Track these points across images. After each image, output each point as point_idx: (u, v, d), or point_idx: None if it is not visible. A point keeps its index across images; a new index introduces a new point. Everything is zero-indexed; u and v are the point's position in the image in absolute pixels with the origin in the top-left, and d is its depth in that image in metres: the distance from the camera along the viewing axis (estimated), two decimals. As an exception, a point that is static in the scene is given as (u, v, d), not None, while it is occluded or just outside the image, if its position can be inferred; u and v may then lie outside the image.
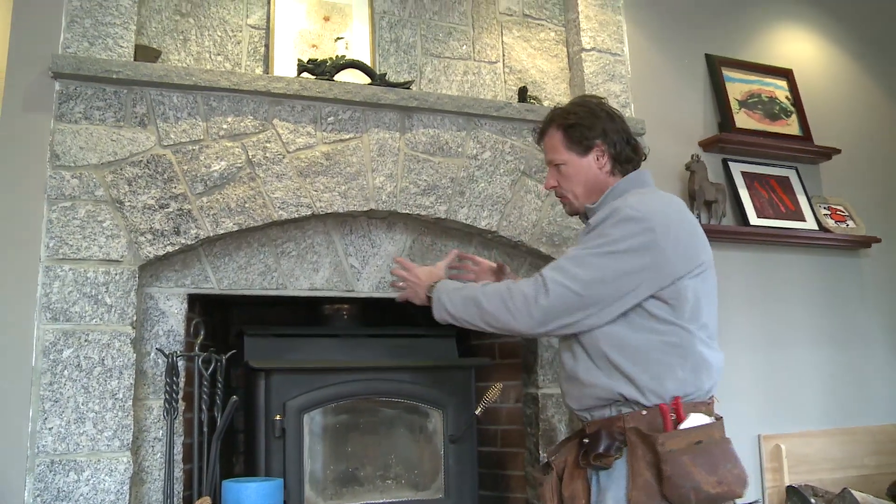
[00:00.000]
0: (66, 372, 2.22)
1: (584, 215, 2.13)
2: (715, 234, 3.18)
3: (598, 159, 2.06)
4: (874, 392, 3.57)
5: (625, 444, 1.83)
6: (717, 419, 1.88)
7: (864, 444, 3.45)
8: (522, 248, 2.84)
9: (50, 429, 2.18)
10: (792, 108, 3.59)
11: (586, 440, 1.89)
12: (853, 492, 3.02)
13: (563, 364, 2.03)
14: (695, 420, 1.82)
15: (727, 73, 3.47)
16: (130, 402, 2.27)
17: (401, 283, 2.29)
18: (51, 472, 2.16)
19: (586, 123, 2.07)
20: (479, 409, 2.63)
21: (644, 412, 1.83)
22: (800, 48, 3.79)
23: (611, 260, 1.84)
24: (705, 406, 1.88)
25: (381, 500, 2.67)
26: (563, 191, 2.11)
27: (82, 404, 2.22)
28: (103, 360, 2.26)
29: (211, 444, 2.35)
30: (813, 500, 3.11)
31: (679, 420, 1.81)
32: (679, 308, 1.87)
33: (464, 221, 2.73)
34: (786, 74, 3.64)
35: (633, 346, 1.86)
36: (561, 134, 2.08)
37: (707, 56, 3.48)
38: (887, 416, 3.56)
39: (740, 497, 1.81)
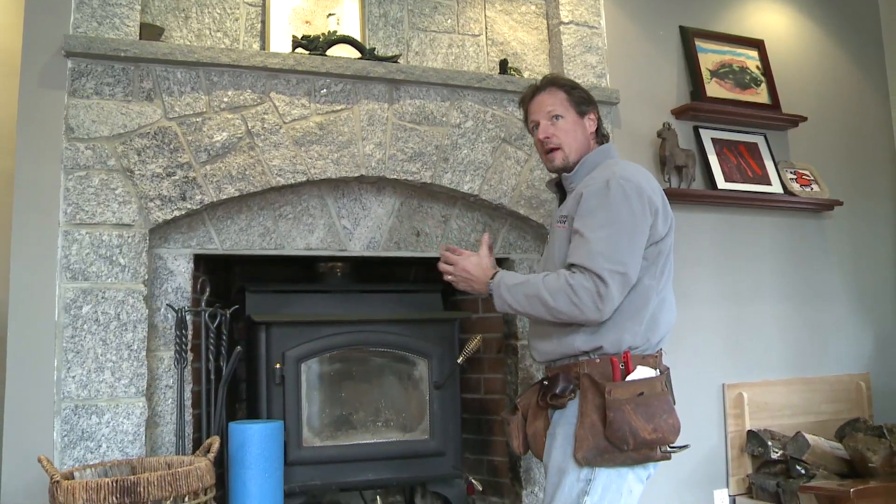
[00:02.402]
0: (85, 326, 2.45)
1: (559, 184, 2.33)
2: (684, 198, 3.39)
3: (590, 124, 2.27)
4: (832, 345, 3.80)
5: (578, 388, 2.06)
6: (661, 372, 2.10)
7: (820, 393, 3.70)
8: (503, 210, 3.05)
9: (73, 377, 2.42)
10: (762, 78, 3.76)
11: (546, 382, 2.13)
12: (805, 435, 3.27)
13: (534, 322, 2.24)
14: (641, 373, 2.04)
15: (700, 44, 3.64)
16: (144, 353, 2.49)
17: (449, 272, 2.28)
18: (75, 415, 2.40)
19: (586, 94, 2.30)
20: (461, 358, 2.86)
21: (598, 360, 2.05)
22: (771, 19, 3.93)
23: (635, 233, 2.04)
24: (653, 359, 2.09)
25: (372, 441, 2.91)
26: (558, 141, 2.24)
27: (101, 355, 2.45)
28: (119, 315, 2.48)
29: (218, 390, 2.59)
30: (770, 443, 3.38)
31: (627, 371, 2.03)
32: (654, 264, 2.09)
33: (448, 186, 2.93)
34: (757, 45, 3.80)
35: None
36: (564, 93, 2.26)
37: (681, 28, 3.63)
38: (843, 366, 3.81)
39: (672, 442, 2.03)
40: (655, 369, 2.09)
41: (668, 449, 2.04)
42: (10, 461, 2.36)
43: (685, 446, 2.10)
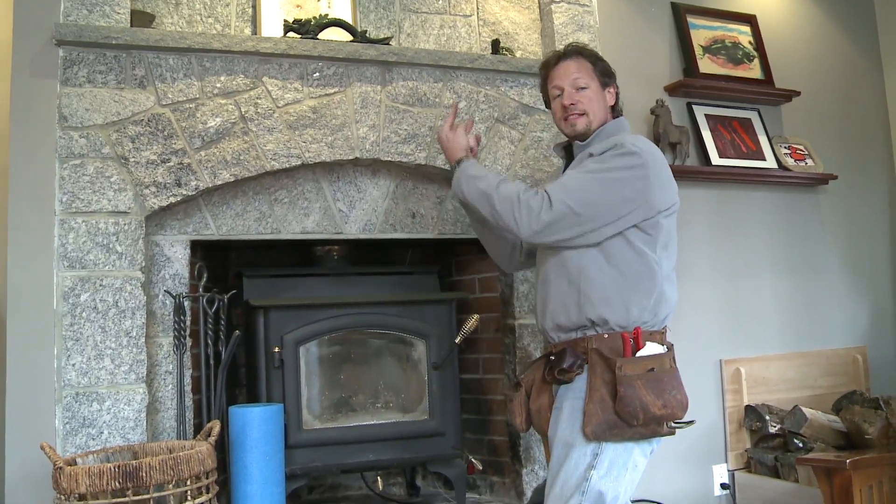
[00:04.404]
0: (84, 314, 2.46)
1: (567, 147, 2.35)
2: (679, 174, 3.35)
3: (609, 97, 2.30)
4: (828, 319, 3.83)
5: (586, 363, 2.07)
6: (668, 348, 2.12)
7: (817, 367, 3.72)
8: (498, 191, 3.06)
9: (73, 364, 2.43)
10: (754, 53, 3.76)
11: (552, 357, 2.14)
12: (803, 409, 3.29)
13: (540, 291, 2.25)
14: (650, 349, 2.06)
15: (692, 20, 3.63)
16: (143, 340, 2.50)
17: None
18: (76, 402, 2.42)
19: (609, 67, 2.33)
20: (459, 338, 2.87)
21: (606, 336, 2.06)
22: (764, -7, 3.94)
23: (610, 186, 2.07)
24: (660, 335, 2.11)
25: (372, 422, 2.93)
26: (583, 108, 2.25)
27: (100, 342, 2.46)
28: (117, 302, 2.49)
29: (217, 375, 2.60)
30: (768, 417, 3.40)
31: (637, 347, 2.05)
32: (655, 239, 2.10)
33: (442, 167, 2.93)
34: (749, 20, 3.79)
35: (608, 278, 2.08)
36: (589, 63, 2.28)
37: (672, 4, 3.62)
38: (840, 340, 3.83)
39: (680, 418, 2.05)
40: (663, 345, 2.10)
41: (674, 424, 2.07)
42: (13, 449, 2.38)
43: (691, 422, 2.12)
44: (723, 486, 3.45)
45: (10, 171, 2.47)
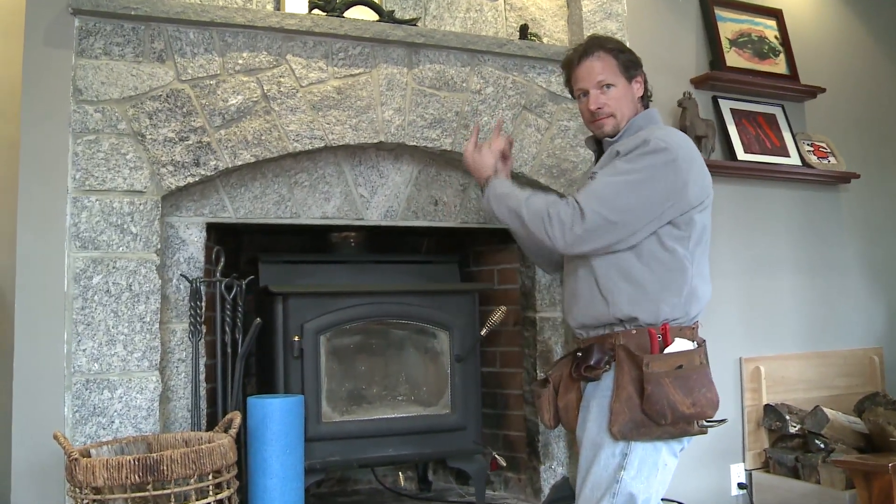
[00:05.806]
0: (96, 297, 2.34)
1: (598, 143, 2.27)
2: (704, 168, 3.33)
3: (637, 88, 2.20)
4: (847, 319, 3.78)
5: (614, 360, 2.00)
6: (699, 344, 2.05)
7: (836, 367, 3.68)
8: (523, 179, 2.95)
9: (84, 350, 2.31)
10: (780, 48, 3.69)
11: (580, 354, 2.07)
12: (824, 409, 3.24)
13: (567, 285, 2.19)
14: (679, 345, 1.99)
15: (719, 12, 3.56)
16: (157, 326, 2.39)
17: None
18: (86, 390, 2.30)
19: (634, 56, 2.22)
20: (485, 330, 2.79)
21: (634, 332, 1.99)
22: (790, -13, 3.87)
23: (643, 188, 1.97)
24: (690, 331, 2.04)
25: (392, 416, 2.83)
26: (610, 110, 2.16)
27: (112, 327, 2.35)
28: (131, 285, 2.37)
29: (235, 364, 2.50)
30: (787, 417, 3.35)
31: (665, 344, 1.98)
32: (687, 236, 2.02)
33: (468, 153, 2.84)
34: (776, 14, 3.73)
35: (637, 276, 2.00)
36: (612, 58, 2.17)
37: (701, -5, 3.57)
38: (858, 341, 3.79)
39: (711, 417, 2.00)
40: (693, 341, 2.03)
41: (705, 423, 2.00)
42: (20, 437, 2.26)
43: (723, 420, 2.07)
44: (740, 485, 3.39)
45: (21, 145, 2.34)
